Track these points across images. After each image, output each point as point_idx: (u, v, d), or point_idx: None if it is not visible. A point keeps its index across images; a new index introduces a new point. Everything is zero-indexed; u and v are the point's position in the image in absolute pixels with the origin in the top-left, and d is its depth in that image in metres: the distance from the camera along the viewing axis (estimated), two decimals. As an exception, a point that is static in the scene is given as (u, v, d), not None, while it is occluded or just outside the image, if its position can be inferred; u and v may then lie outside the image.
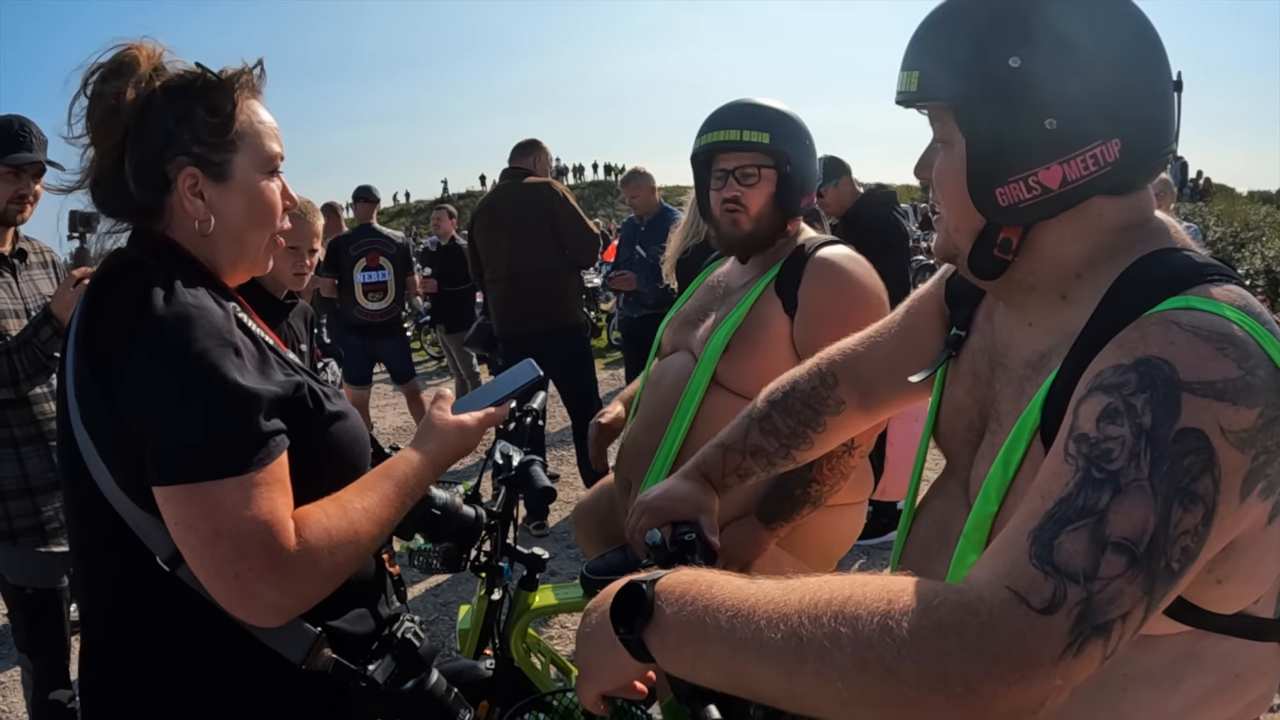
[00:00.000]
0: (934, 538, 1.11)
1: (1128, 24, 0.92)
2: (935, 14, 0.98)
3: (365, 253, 5.80)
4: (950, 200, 0.98)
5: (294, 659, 1.09)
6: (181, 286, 1.05)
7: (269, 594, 0.99)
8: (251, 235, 1.18)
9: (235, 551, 0.97)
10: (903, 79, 0.98)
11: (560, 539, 4.54)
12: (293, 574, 1.00)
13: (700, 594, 0.80)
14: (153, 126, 1.10)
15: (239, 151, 1.14)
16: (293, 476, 1.05)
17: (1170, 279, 0.86)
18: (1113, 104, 0.90)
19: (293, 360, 1.19)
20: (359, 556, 1.09)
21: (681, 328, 2.08)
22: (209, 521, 0.97)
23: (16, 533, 2.35)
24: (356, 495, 1.11)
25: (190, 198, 1.12)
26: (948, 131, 0.96)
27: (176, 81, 1.12)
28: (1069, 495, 0.75)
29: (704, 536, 1.36)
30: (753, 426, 1.43)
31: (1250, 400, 0.75)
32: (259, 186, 1.17)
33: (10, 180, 2.36)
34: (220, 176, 1.13)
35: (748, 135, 1.87)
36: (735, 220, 1.92)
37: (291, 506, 1.03)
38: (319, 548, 1.02)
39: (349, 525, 1.07)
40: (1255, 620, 0.88)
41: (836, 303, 1.82)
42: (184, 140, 1.10)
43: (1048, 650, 0.69)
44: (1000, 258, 0.96)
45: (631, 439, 2.05)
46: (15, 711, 3.16)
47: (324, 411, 1.14)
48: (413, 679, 1.22)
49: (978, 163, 0.93)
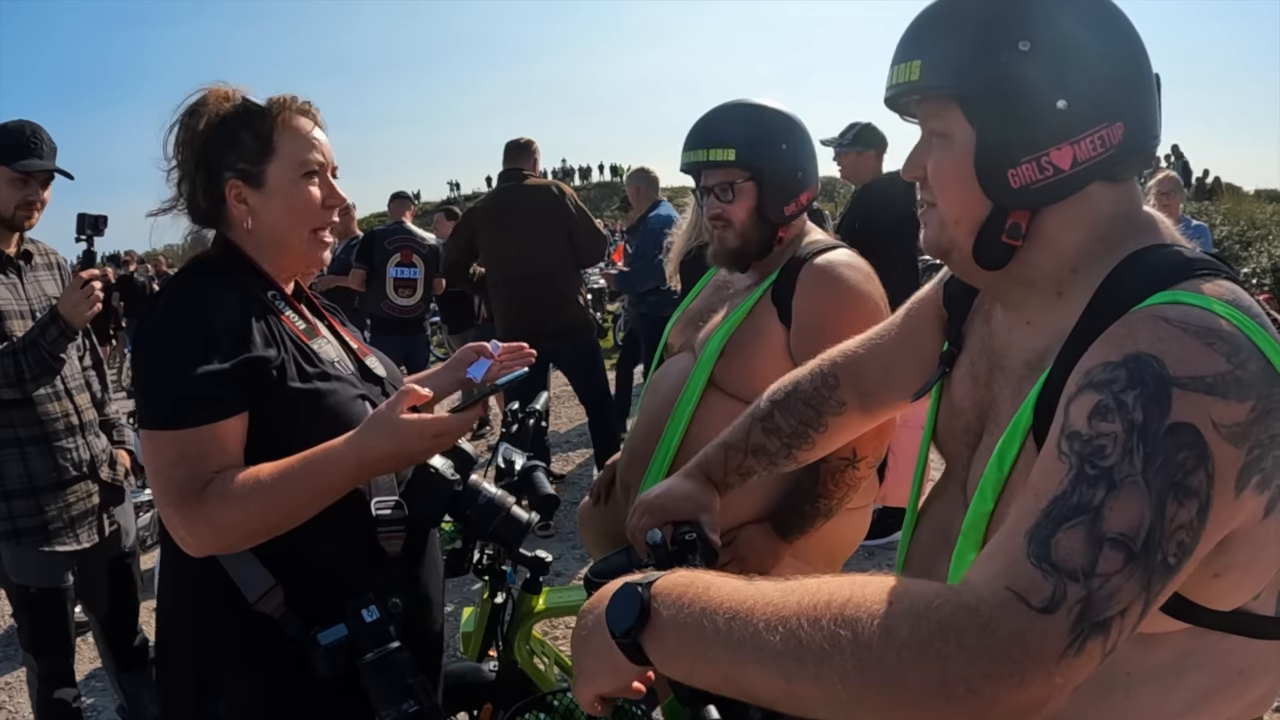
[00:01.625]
0: (937, 538, 1.11)
1: (1117, 15, 0.95)
2: (933, 7, 0.99)
3: (400, 248, 5.91)
4: (950, 193, 0.98)
5: (248, 596, 1.29)
6: (206, 284, 1.32)
7: (178, 529, 1.24)
8: (290, 231, 1.39)
9: (163, 490, 1.23)
10: (899, 71, 0.98)
11: (566, 539, 4.54)
12: (194, 519, 1.22)
13: (697, 596, 0.80)
14: (211, 151, 1.36)
15: (273, 162, 1.36)
16: (258, 438, 1.28)
17: (1158, 274, 0.86)
18: (1115, 88, 0.92)
19: (318, 353, 1.38)
20: (248, 521, 1.23)
21: (687, 327, 2.07)
22: (150, 462, 1.26)
23: (20, 532, 2.36)
24: (269, 470, 1.24)
25: (236, 204, 1.37)
26: (947, 124, 0.96)
27: (228, 114, 1.37)
28: (1064, 493, 0.75)
29: (705, 536, 1.35)
30: (755, 425, 1.43)
31: (1241, 394, 0.75)
32: (293, 189, 1.37)
33: (19, 186, 2.37)
34: (258, 184, 1.36)
35: (714, 154, 1.85)
36: (723, 236, 1.91)
37: (221, 466, 1.24)
38: (214, 505, 1.21)
39: (245, 492, 1.22)
40: (1255, 618, 0.88)
41: (830, 313, 1.78)
42: (231, 159, 1.36)
43: (1048, 649, 0.68)
44: (1009, 243, 0.96)
45: (632, 441, 2.05)
46: (22, 712, 3.17)
47: (308, 380, 1.32)
48: (368, 654, 1.29)
49: (989, 146, 0.93)
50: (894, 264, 3.48)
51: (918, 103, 1.01)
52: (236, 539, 1.26)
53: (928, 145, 1.00)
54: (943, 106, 0.96)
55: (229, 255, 1.39)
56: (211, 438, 1.24)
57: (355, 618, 1.30)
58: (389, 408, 1.25)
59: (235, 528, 1.24)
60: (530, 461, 1.90)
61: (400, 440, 1.23)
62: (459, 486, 1.45)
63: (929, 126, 1.00)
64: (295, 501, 1.25)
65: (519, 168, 4.66)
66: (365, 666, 1.29)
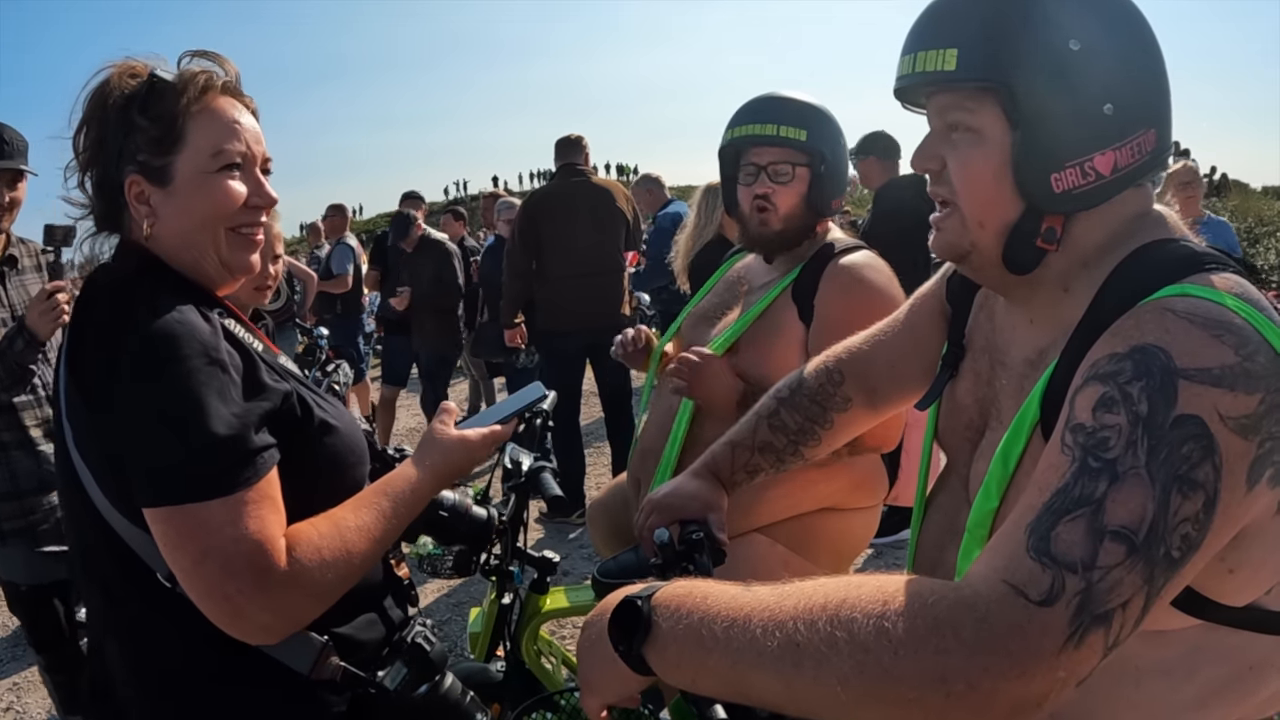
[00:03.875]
0: (945, 530, 1.11)
1: (1143, 20, 0.93)
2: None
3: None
4: (978, 193, 0.94)
5: (300, 670, 1.09)
6: (165, 301, 1.03)
7: (259, 615, 0.98)
8: (198, 234, 1.12)
9: (224, 572, 0.96)
10: (929, 58, 0.92)
11: (574, 539, 4.54)
12: (282, 594, 0.98)
13: (696, 606, 0.80)
14: (108, 140, 1.10)
15: (181, 153, 1.10)
16: (285, 488, 1.04)
17: (1166, 267, 0.85)
18: (1152, 94, 0.92)
19: (282, 366, 1.17)
20: (352, 576, 1.07)
21: (698, 324, 2.06)
22: (196, 542, 0.96)
23: (6, 535, 2.36)
24: (351, 512, 1.09)
25: (135, 204, 1.11)
26: (978, 119, 0.92)
27: (129, 93, 1.10)
28: (1066, 486, 0.74)
29: (712, 535, 1.35)
30: (761, 423, 1.43)
31: (1250, 386, 0.74)
32: (205, 184, 1.11)
33: None
34: (162, 180, 1.10)
35: (784, 130, 1.81)
36: (765, 219, 1.87)
37: (283, 523, 1.02)
38: (310, 567, 1.01)
39: (342, 544, 1.05)
40: (1267, 613, 0.87)
41: (854, 314, 1.73)
42: (130, 150, 1.10)
43: (1048, 642, 0.68)
44: (1043, 248, 0.94)
45: (641, 439, 2.05)
46: (30, 712, 3.18)
47: (314, 421, 1.13)
48: (425, 684, 1.22)
49: (1033, 148, 0.90)
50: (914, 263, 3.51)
51: (935, 93, 0.97)
52: (323, 605, 1.05)
53: (944, 139, 0.96)
54: (974, 100, 0.92)
55: (142, 268, 1.11)
56: (271, 492, 1.02)
57: (414, 649, 1.20)
58: (445, 426, 1.26)
59: (327, 591, 1.04)
60: (538, 462, 1.90)
61: (468, 453, 1.25)
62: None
63: (950, 119, 0.95)
64: (384, 540, 1.11)
65: (574, 163, 4.71)
66: (421, 699, 1.22)
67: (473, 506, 1.50)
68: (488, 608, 2.05)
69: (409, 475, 1.18)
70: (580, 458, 4.79)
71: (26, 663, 3.47)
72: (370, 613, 1.21)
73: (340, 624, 1.15)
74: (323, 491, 1.11)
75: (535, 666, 2.05)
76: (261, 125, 1.20)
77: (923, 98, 1.01)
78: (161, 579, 1.04)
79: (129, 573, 1.06)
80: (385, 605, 1.25)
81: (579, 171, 4.72)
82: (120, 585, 1.09)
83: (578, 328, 4.56)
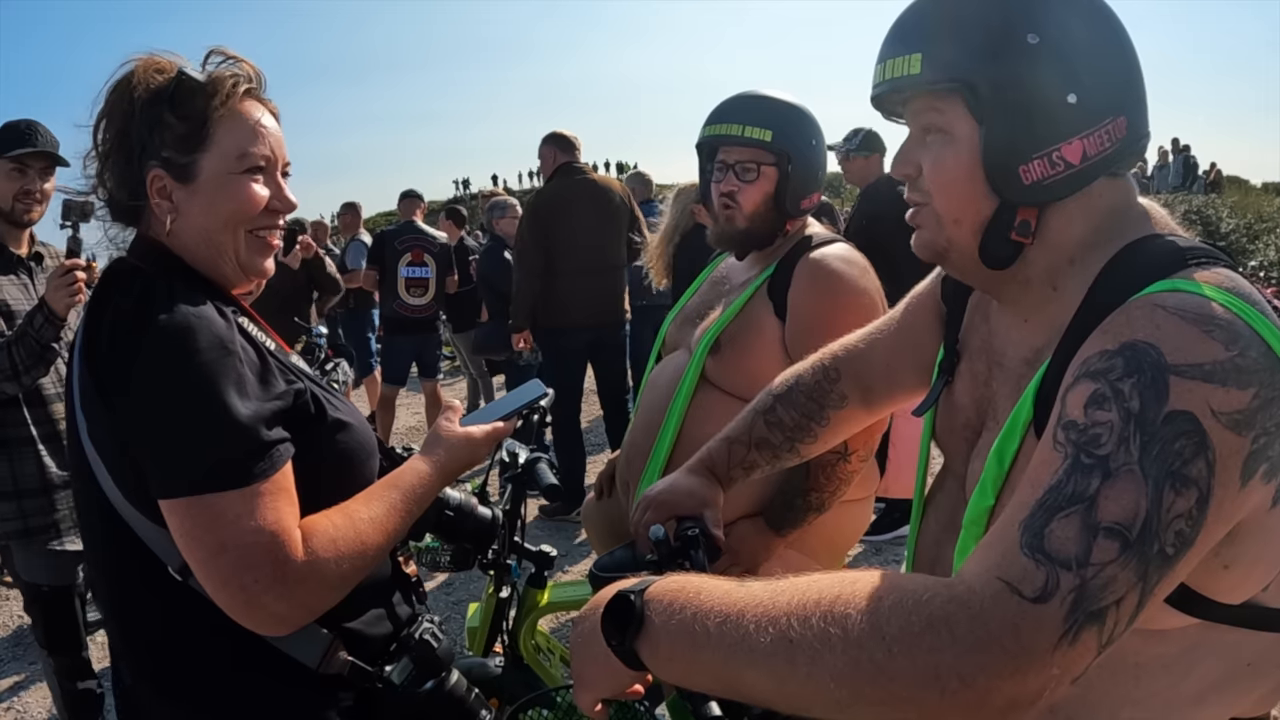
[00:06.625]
0: (944, 527, 1.12)
1: (1107, 9, 0.95)
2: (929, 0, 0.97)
3: (410, 248, 5.94)
4: (951, 192, 0.96)
5: (309, 663, 1.10)
6: (182, 295, 1.05)
7: (275, 605, 0.99)
8: (219, 234, 1.14)
9: (241, 563, 0.97)
10: (894, 65, 0.95)
11: (571, 534, 4.55)
12: (299, 585, 1.00)
13: (688, 601, 0.80)
14: (132, 134, 1.11)
15: (207, 151, 1.12)
16: (297, 484, 1.05)
17: (1155, 264, 0.85)
18: (1117, 81, 0.92)
19: (295, 365, 1.19)
20: (365, 567, 1.09)
21: (684, 325, 2.07)
22: (213, 534, 0.98)
23: (32, 531, 2.37)
24: (364, 505, 1.12)
25: (158, 199, 1.12)
26: (947, 119, 0.94)
27: (159, 89, 1.11)
28: (1058, 483, 0.74)
29: (708, 531, 1.35)
30: (757, 419, 1.43)
31: (1242, 382, 0.74)
32: (229, 184, 1.13)
33: (15, 177, 2.35)
34: (185, 177, 1.12)
35: (749, 131, 1.83)
36: (730, 215, 1.88)
37: (297, 516, 1.03)
38: (325, 559, 1.02)
39: (356, 536, 1.07)
40: (1264, 610, 0.87)
41: (825, 308, 1.77)
42: (155, 145, 1.11)
43: (1042, 639, 0.68)
44: (1018, 240, 0.95)
45: (630, 440, 2.04)
46: (30, 711, 3.18)
47: (326, 418, 1.14)
48: (431, 680, 1.22)
49: (999, 142, 0.91)
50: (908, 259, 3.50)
51: (909, 99, 0.98)
52: (338, 595, 1.07)
53: (920, 142, 0.98)
54: (943, 101, 0.94)
55: (159, 262, 1.13)
56: (286, 485, 1.03)
57: (421, 646, 1.22)
58: (451, 423, 1.29)
59: (342, 581, 1.06)
60: (533, 453, 1.91)
61: (472, 449, 1.28)
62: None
63: (923, 122, 0.97)
64: (395, 532, 1.13)
65: (573, 162, 4.76)
66: (427, 695, 1.22)
67: (478, 506, 1.51)
68: (486, 602, 2.06)
69: (418, 469, 1.21)
70: (581, 456, 4.80)
71: (27, 663, 3.47)
72: (378, 608, 1.22)
73: (348, 619, 1.16)
74: (334, 487, 1.13)
75: (533, 661, 2.06)
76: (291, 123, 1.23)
77: (899, 106, 1.02)
78: (173, 572, 1.05)
79: (140, 565, 1.07)
80: (393, 601, 1.26)
81: (579, 170, 4.76)
82: (130, 577, 1.10)
83: (581, 324, 4.60)
